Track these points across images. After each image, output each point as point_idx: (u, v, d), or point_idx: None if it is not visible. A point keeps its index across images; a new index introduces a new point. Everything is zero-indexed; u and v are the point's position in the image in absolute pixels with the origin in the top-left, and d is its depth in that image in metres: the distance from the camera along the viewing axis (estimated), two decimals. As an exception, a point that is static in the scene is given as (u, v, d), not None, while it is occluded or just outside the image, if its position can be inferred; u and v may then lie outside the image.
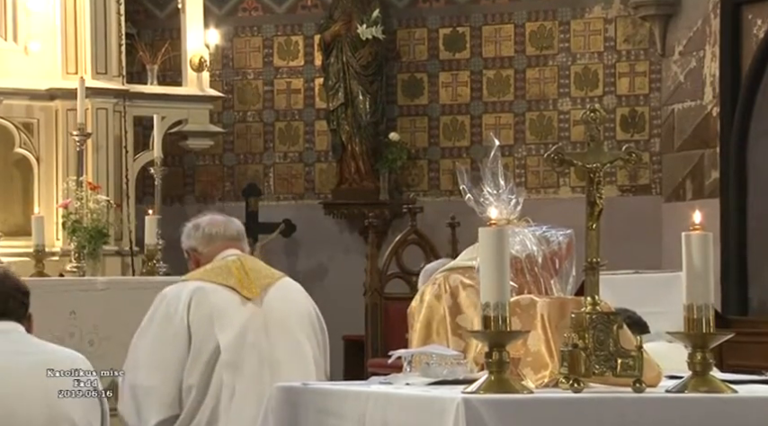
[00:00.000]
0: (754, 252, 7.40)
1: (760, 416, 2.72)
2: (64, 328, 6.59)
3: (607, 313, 2.86)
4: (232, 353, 3.64)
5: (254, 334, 3.68)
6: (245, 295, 3.72)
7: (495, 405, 2.58)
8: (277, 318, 3.74)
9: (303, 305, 3.87)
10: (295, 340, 3.73)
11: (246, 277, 3.75)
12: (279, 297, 3.78)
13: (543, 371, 2.90)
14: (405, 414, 2.76)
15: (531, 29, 8.74)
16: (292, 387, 3.19)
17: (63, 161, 7.79)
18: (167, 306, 3.73)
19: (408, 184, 9.02)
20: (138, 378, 3.70)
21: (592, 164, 2.93)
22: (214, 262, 3.80)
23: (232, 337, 3.65)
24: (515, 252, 3.03)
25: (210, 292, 3.70)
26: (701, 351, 2.80)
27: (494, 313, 2.69)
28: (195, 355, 3.65)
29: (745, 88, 7.61)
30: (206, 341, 3.65)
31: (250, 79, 9.22)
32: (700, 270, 2.84)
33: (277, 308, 3.75)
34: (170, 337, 3.68)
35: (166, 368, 3.66)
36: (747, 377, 3.33)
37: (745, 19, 7.64)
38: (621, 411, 2.68)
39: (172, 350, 3.67)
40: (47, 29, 7.84)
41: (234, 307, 3.69)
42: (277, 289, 3.80)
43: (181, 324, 3.66)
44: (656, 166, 8.39)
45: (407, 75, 9.03)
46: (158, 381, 3.66)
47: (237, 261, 3.79)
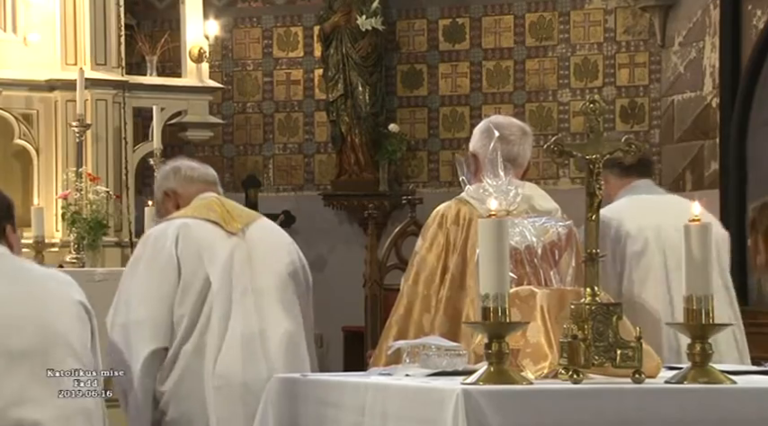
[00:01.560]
0: (753, 243, 7.40)
1: (759, 407, 2.73)
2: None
3: (606, 304, 2.86)
4: (220, 283, 3.67)
5: (239, 265, 3.72)
6: (229, 229, 3.77)
7: (495, 396, 2.58)
8: (260, 250, 3.79)
9: (283, 239, 3.93)
10: (276, 271, 3.78)
11: (228, 213, 3.81)
12: (260, 233, 3.84)
13: (543, 362, 2.90)
14: (404, 405, 2.76)
15: (531, 20, 8.73)
16: (291, 379, 3.20)
17: (62, 152, 7.79)
18: (154, 242, 3.74)
19: (408, 175, 9.01)
20: (129, 315, 3.68)
21: (591, 155, 2.93)
22: (195, 201, 3.83)
23: (220, 268, 3.69)
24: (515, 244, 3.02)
25: (195, 227, 3.74)
26: (701, 342, 2.80)
27: (493, 304, 2.69)
28: (185, 287, 3.67)
29: (745, 79, 7.60)
30: (195, 273, 3.68)
31: (249, 70, 9.21)
32: (699, 261, 2.84)
33: (259, 241, 3.80)
34: (159, 271, 3.69)
35: (158, 299, 3.66)
36: (746, 368, 3.33)
37: (745, 10, 7.63)
38: (621, 401, 2.68)
39: (162, 282, 3.68)
40: (46, 20, 7.83)
41: (219, 240, 3.74)
42: (258, 226, 3.86)
43: (169, 258, 3.68)
44: (655, 157, 8.38)
45: (407, 66, 9.02)
46: (150, 312, 3.66)
47: (217, 200, 3.86)
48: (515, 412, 2.59)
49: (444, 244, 3.51)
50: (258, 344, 3.64)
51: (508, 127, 3.65)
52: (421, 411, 2.69)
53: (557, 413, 2.62)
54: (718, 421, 2.69)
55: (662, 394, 2.73)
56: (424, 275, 3.53)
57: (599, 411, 2.64)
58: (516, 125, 3.68)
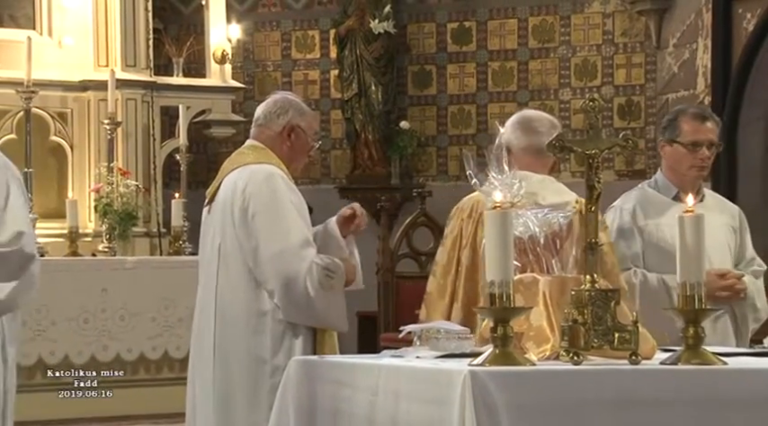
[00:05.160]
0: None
1: (748, 387, 2.72)
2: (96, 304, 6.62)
3: (605, 290, 2.85)
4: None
5: None
6: None
7: (500, 377, 2.58)
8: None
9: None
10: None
11: None
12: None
13: (545, 345, 2.89)
14: (415, 385, 2.76)
15: (534, 23, 8.71)
16: (310, 360, 3.20)
17: (95, 148, 7.80)
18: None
19: (418, 170, 9.00)
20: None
21: (591, 150, 2.92)
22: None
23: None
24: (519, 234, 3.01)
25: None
26: (694, 326, 2.80)
27: (498, 290, 2.69)
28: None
29: (736, 78, 7.56)
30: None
31: (269, 71, 9.20)
32: (693, 250, 2.84)
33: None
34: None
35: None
36: (737, 350, 3.32)
37: (736, 13, 7.59)
38: (618, 382, 2.67)
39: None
40: (80, 24, 7.84)
41: None
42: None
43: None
44: (651, 152, 8.35)
45: (417, 66, 9.00)
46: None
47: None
48: (519, 392, 2.58)
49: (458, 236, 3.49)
50: None
51: (538, 119, 3.60)
52: (430, 390, 2.69)
53: (558, 393, 2.62)
54: (710, 401, 2.68)
55: (657, 375, 2.72)
56: (441, 266, 3.51)
57: (598, 390, 2.64)
58: (546, 118, 3.62)
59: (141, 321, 6.71)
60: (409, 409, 2.73)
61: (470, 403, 2.52)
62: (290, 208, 3.66)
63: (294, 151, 3.80)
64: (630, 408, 2.63)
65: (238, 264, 3.66)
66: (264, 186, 3.68)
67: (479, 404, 2.52)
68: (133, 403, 6.40)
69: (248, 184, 3.68)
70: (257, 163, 3.74)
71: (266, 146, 3.79)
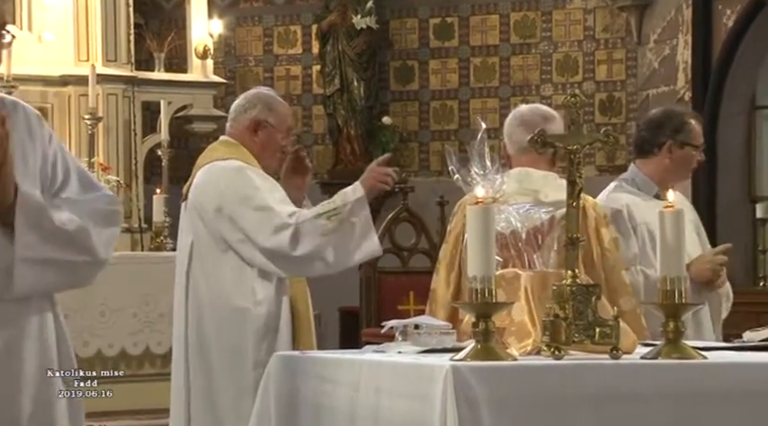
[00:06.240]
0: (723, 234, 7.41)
1: (727, 380, 2.73)
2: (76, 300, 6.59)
3: (586, 285, 2.86)
4: None
5: None
6: None
7: (482, 372, 2.59)
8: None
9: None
10: None
11: None
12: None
13: (526, 340, 2.90)
14: (396, 380, 2.76)
15: (516, 19, 8.71)
16: (291, 356, 3.19)
17: (76, 143, 7.76)
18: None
19: (400, 165, 9.00)
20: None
21: (572, 145, 2.92)
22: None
23: None
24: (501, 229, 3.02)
25: None
26: (674, 320, 2.81)
27: (480, 285, 2.69)
28: None
29: (715, 74, 7.60)
30: None
31: (251, 66, 9.18)
32: (673, 245, 2.85)
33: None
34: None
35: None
36: (716, 345, 3.34)
37: (716, 9, 7.62)
38: (599, 376, 2.68)
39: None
40: (60, 19, 7.80)
41: None
42: None
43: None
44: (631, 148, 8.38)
45: (399, 62, 9.00)
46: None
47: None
48: (501, 387, 2.59)
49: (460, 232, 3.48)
50: None
51: (531, 114, 3.61)
52: (412, 386, 2.69)
53: (539, 387, 2.63)
54: (690, 394, 2.69)
55: (638, 370, 2.73)
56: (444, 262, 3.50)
57: (579, 385, 2.64)
58: (549, 112, 3.61)
59: (122, 317, 6.69)
60: (391, 404, 2.73)
61: (452, 398, 2.53)
62: (261, 187, 3.61)
63: (263, 148, 3.71)
64: (611, 402, 2.64)
65: (214, 259, 3.63)
66: (232, 180, 3.64)
67: (461, 399, 2.53)
68: (114, 399, 6.36)
69: (219, 182, 3.65)
70: (225, 159, 3.70)
71: (237, 141, 3.75)
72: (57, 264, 2.51)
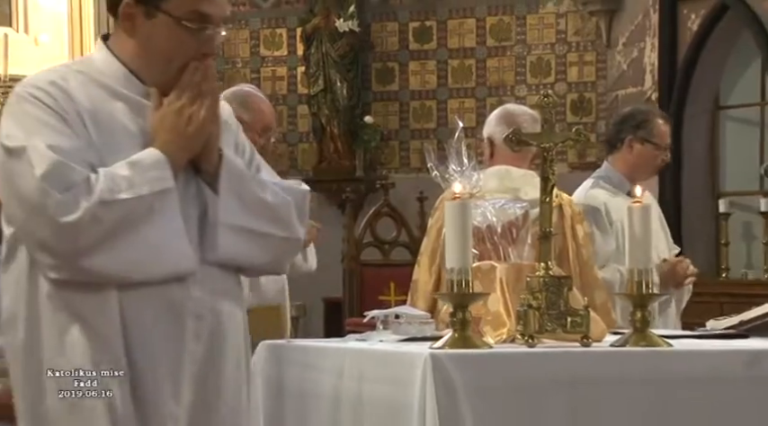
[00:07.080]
0: (688, 228, 7.46)
1: (691, 366, 2.76)
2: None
3: (558, 277, 2.87)
4: None
5: None
6: None
7: (459, 359, 2.60)
8: None
9: None
10: None
11: None
12: None
13: (501, 329, 2.91)
14: (378, 367, 2.77)
15: (491, 22, 8.73)
16: (278, 344, 3.20)
17: (70, 141, 7.73)
18: None
19: (382, 162, 9.01)
20: None
21: (545, 143, 2.94)
22: None
23: None
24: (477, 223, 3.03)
25: None
26: (641, 310, 2.83)
27: (457, 277, 2.70)
28: None
29: (681, 75, 7.63)
30: None
31: (239, 67, 9.17)
32: (640, 238, 2.87)
33: None
34: None
35: None
36: (681, 333, 3.37)
37: (681, 14, 7.65)
38: (570, 363, 2.70)
39: None
40: (55, 21, 7.77)
41: None
42: None
43: None
44: (601, 146, 8.42)
45: (380, 64, 9.00)
46: None
47: None
48: (477, 374, 2.60)
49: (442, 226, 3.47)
50: None
51: (521, 114, 3.58)
52: (393, 372, 2.70)
53: (514, 374, 2.64)
54: (657, 380, 2.71)
55: (607, 357, 2.75)
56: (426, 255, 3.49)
57: (551, 371, 2.66)
58: (528, 113, 3.61)
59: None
60: (372, 390, 2.74)
61: (431, 385, 2.54)
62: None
63: None
64: (582, 387, 2.66)
65: None
66: None
67: (439, 385, 2.54)
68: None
69: None
70: None
71: None
72: (255, 235, 2.28)
